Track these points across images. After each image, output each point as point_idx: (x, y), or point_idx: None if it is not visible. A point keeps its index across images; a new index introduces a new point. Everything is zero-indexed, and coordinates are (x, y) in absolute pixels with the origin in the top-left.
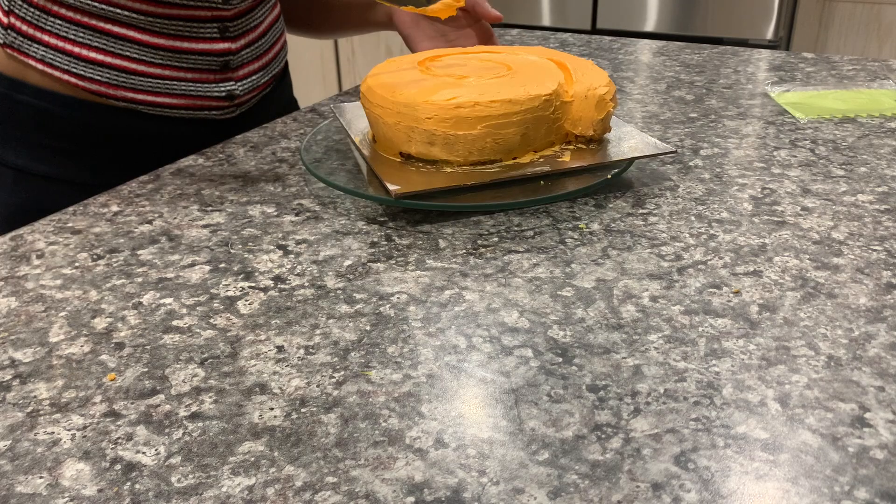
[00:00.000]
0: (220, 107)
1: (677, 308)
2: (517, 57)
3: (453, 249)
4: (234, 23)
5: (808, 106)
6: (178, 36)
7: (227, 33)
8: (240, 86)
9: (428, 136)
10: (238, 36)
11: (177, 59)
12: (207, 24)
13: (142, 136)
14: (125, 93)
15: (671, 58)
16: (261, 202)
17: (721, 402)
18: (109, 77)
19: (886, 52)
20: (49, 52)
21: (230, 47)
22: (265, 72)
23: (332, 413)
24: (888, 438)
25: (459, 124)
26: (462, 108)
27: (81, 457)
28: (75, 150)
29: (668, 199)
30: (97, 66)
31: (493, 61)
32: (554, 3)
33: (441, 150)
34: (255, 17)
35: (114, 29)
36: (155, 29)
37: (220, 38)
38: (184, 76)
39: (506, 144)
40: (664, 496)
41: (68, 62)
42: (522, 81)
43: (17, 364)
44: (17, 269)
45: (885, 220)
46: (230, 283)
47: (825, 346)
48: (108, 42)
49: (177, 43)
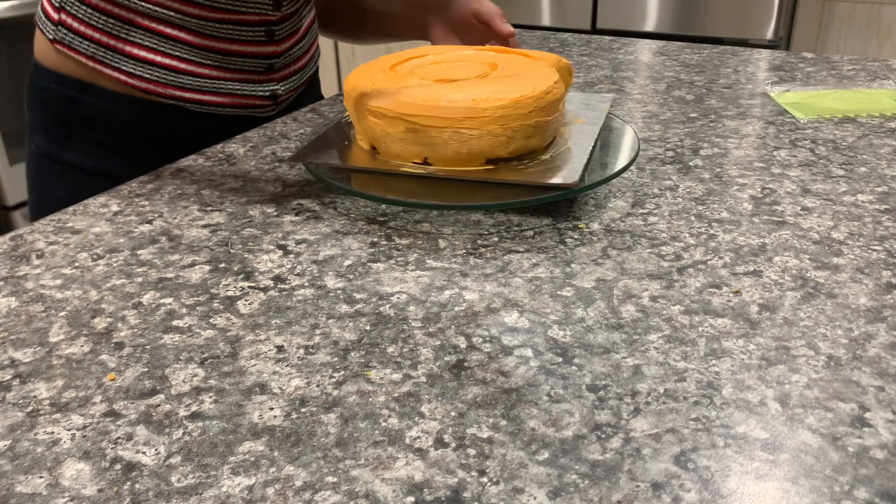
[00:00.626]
0: (263, 105)
1: (677, 308)
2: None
3: (453, 249)
4: (279, 27)
5: (808, 106)
6: (227, 39)
7: (273, 37)
8: (282, 86)
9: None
10: (283, 39)
11: (225, 61)
12: (256, 28)
13: (185, 132)
14: (173, 91)
15: (671, 58)
16: (261, 202)
17: (721, 401)
18: (159, 76)
19: (886, 52)
20: (100, 50)
21: (275, 50)
22: (304, 72)
23: (332, 413)
24: (888, 438)
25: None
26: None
27: (81, 457)
28: (120, 144)
29: (668, 199)
30: (147, 65)
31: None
32: (554, 3)
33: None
34: (297, 21)
35: (165, 30)
36: (206, 32)
37: (267, 41)
38: (230, 77)
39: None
40: (664, 496)
41: (118, 60)
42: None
43: (17, 364)
44: (17, 269)
45: (885, 220)
46: (230, 283)
47: (825, 346)
48: (158, 42)
49: (226, 45)
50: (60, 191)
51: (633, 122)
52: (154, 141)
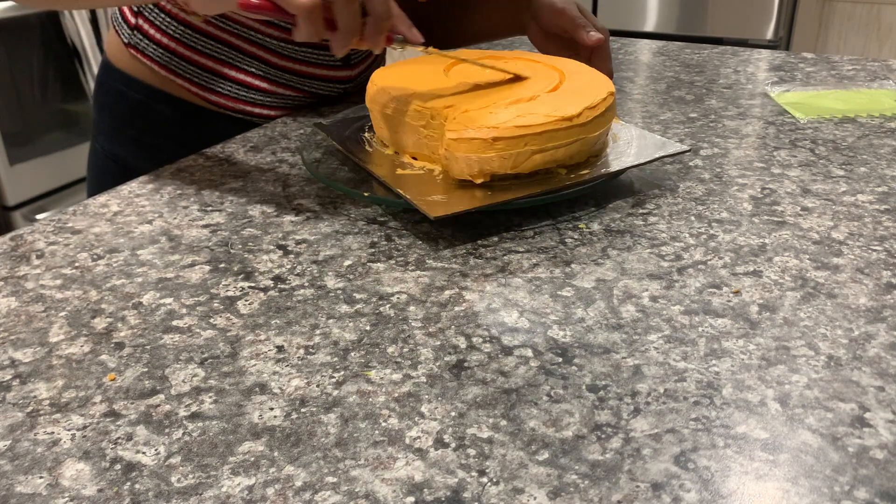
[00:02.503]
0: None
1: (677, 308)
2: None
3: (453, 249)
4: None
5: (808, 106)
6: (304, 61)
7: (349, 61)
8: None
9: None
10: (358, 63)
11: (299, 82)
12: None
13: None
14: (243, 106)
15: (671, 58)
16: (261, 202)
17: (721, 402)
18: (230, 90)
19: (886, 52)
20: (174, 59)
21: (350, 74)
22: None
23: (332, 413)
24: (888, 438)
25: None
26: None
27: (81, 457)
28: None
29: (668, 199)
30: (220, 79)
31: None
32: None
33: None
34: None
35: (243, 45)
36: (284, 53)
37: (343, 65)
38: (302, 98)
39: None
40: (664, 496)
41: (191, 70)
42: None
43: (17, 364)
44: (17, 269)
45: (885, 220)
46: (230, 283)
47: (825, 346)
48: (234, 56)
49: (302, 67)
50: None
51: (633, 121)
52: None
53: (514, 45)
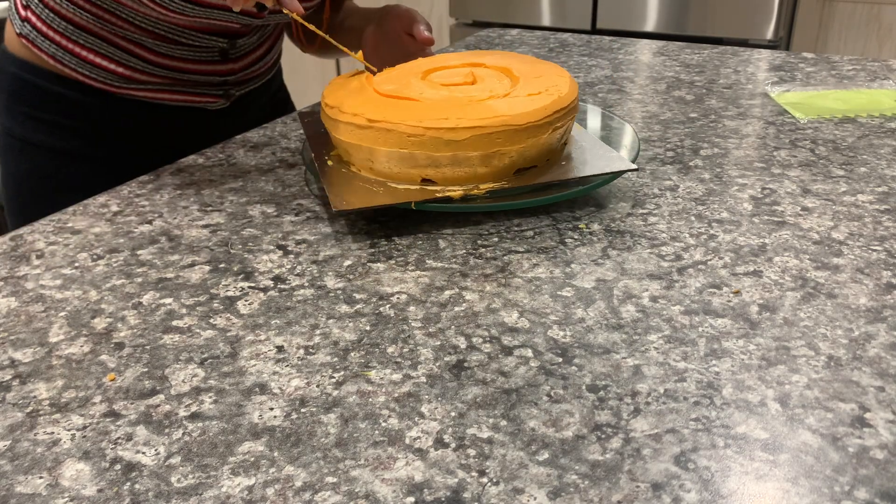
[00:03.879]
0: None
1: (677, 308)
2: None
3: (453, 249)
4: (236, 49)
5: (808, 106)
6: (181, 58)
7: (228, 56)
8: (236, 89)
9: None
10: (239, 58)
11: (179, 76)
12: (209, 51)
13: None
14: (128, 91)
15: (671, 58)
16: (261, 202)
17: (721, 402)
18: (113, 80)
19: (886, 52)
20: (59, 51)
21: (232, 68)
22: (261, 77)
23: (332, 413)
24: (888, 438)
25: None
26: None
27: (81, 457)
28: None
29: (668, 199)
30: (102, 71)
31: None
32: (554, 3)
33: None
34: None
35: (121, 43)
36: (161, 51)
37: (222, 60)
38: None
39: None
40: (664, 496)
41: (76, 63)
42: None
43: (17, 364)
44: (17, 269)
45: (885, 220)
46: (230, 283)
47: (825, 346)
48: (114, 52)
49: (180, 63)
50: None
51: (633, 122)
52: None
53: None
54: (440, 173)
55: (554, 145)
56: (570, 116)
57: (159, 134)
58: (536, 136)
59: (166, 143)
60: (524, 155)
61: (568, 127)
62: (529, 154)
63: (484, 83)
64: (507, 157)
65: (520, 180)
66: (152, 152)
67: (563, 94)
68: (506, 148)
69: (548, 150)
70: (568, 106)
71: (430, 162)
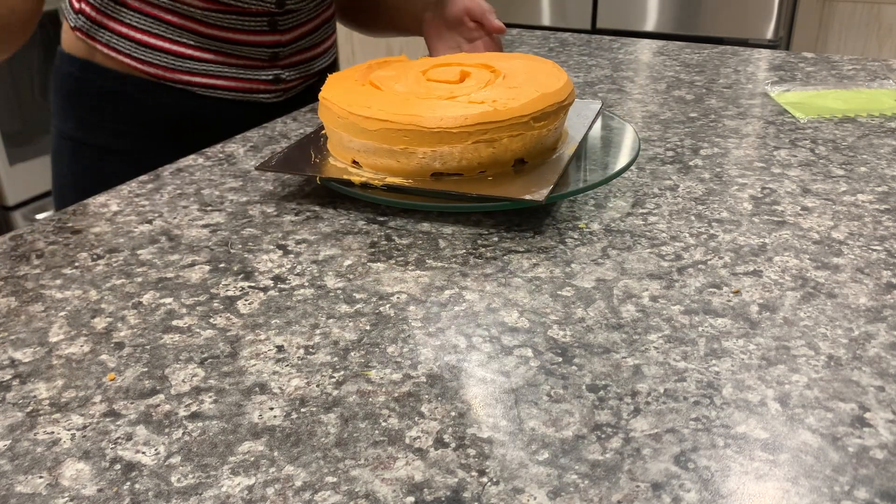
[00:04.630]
0: (268, 90)
1: (677, 308)
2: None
3: (453, 249)
4: (284, 18)
5: (808, 106)
6: (230, 28)
7: (276, 27)
8: (286, 72)
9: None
10: (287, 29)
11: (229, 48)
12: (258, 18)
13: (194, 115)
14: (180, 76)
15: (671, 58)
16: (261, 202)
17: (721, 402)
18: (167, 62)
19: (886, 52)
20: (114, 38)
21: (280, 39)
22: (311, 63)
23: (332, 413)
24: (888, 438)
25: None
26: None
27: (81, 457)
28: (131, 125)
29: (668, 199)
30: (156, 52)
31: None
32: (554, 3)
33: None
34: (306, 14)
35: (172, 19)
36: (210, 21)
37: (270, 31)
38: (235, 62)
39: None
40: (664, 496)
41: (130, 47)
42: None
43: (17, 364)
44: (17, 269)
45: (885, 220)
46: (230, 282)
47: (825, 346)
48: (166, 30)
49: (229, 34)
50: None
51: (633, 122)
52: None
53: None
54: (362, 158)
55: (482, 158)
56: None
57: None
58: (450, 143)
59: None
60: (439, 159)
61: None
62: (447, 161)
63: (464, 84)
64: (416, 157)
65: (433, 184)
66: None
67: (503, 109)
68: (413, 147)
69: (475, 161)
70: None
71: (353, 146)
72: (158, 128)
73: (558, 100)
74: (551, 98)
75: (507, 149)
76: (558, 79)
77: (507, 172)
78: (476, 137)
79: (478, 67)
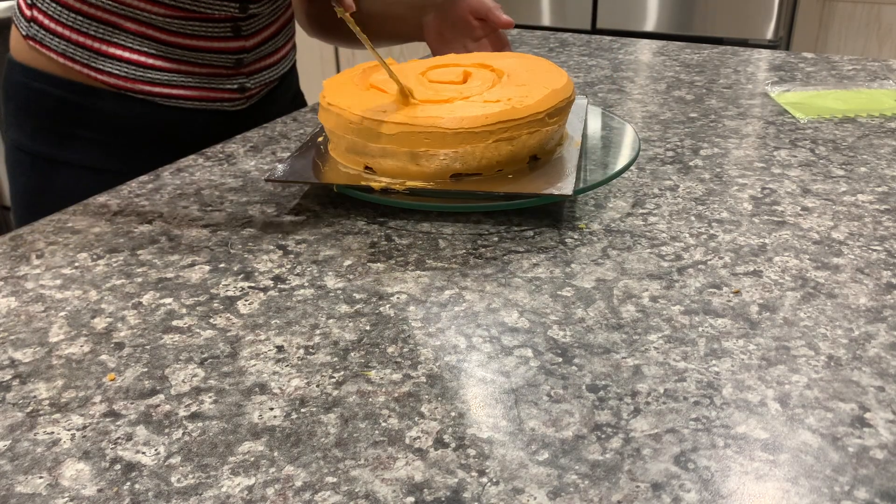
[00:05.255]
0: (232, 99)
1: (677, 308)
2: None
3: (453, 249)
4: (246, 23)
5: (808, 106)
6: (193, 35)
7: (240, 32)
8: (251, 80)
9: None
10: (251, 34)
11: (192, 57)
12: (221, 24)
13: (156, 125)
14: (142, 86)
15: (671, 58)
16: (261, 202)
17: (721, 402)
18: (127, 71)
19: (886, 52)
20: (70, 47)
21: (244, 45)
22: (276, 68)
23: (332, 413)
24: (888, 438)
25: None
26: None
27: (81, 457)
28: (91, 136)
29: (668, 199)
30: (115, 61)
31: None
32: (554, 3)
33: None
34: (267, 18)
35: (131, 26)
36: (172, 28)
37: (234, 36)
38: (198, 72)
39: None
40: (664, 496)
41: (87, 56)
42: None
43: (17, 364)
44: (17, 269)
45: (885, 220)
46: (230, 283)
47: (825, 346)
48: (125, 38)
49: (192, 41)
50: (34, 182)
51: (633, 122)
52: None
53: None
54: (377, 164)
55: (501, 156)
56: (530, 130)
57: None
58: (471, 143)
59: (186, 153)
60: (460, 160)
61: (524, 140)
62: (467, 161)
63: (469, 84)
64: (437, 159)
65: (455, 185)
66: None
67: (521, 107)
68: (434, 149)
69: (494, 160)
70: (521, 118)
71: (367, 151)
72: (119, 138)
73: (566, 95)
74: (561, 94)
75: (524, 145)
76: (560, 75)
77: (523, 170)
78: (497, 136)
79: (476, 67)
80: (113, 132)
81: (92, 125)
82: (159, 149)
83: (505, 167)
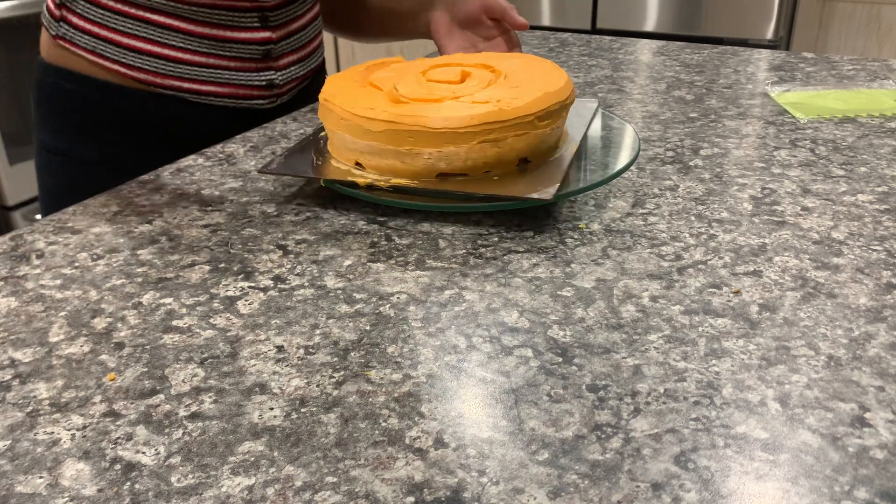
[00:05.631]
0: (262, 96)
1: (677, 308)
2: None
3: (453, 249)
4: (274, 13)
5: (808, 106)
6: (220, 25)
7: (267, 23)
8: (279, 75)
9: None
10: (278, 26)
11: (220, 48)
12: (248, 14)
13: (185, 124)
14: (172, 81)
15: (671, 58)
16: (261, 202)
17: (721, 402)
18: (156, 66)
19: (886, 52)
20: (100, 44)
21: (271, 36)
22: (303, 64)
23: (332, 413)
24: (888, 438)
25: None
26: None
27: (81, 457)
28: (119, 136)
29: (668, 199)
30: (144, 56)
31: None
32: (554, 3)
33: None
34: (295, 9)
35: (159, 19)
36: (198, 18)
37: (261, 27)
38: (227, 65)
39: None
40: (664, 496)
41: (117, 52)
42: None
43: (17, 364)
44: (17, 269)
45: (885, 220)
46: (230, 283)
47: (825, 346)
48: (154, 32)
49: (219, 32)
50: (63, 182)
51: (633, 122)
52: (153, 134)
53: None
54: (366, 160)
55: (487, 157)
56: (517, 132)
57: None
58: (455, 143)
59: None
60: (445, 160)
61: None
62: (452, 161)
63: (465, 84)
64: (422, 157)
65: (439, 184)
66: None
67: (508, 109)
68: (419, 148)
69: (480, 161)
70: (507, 121)
71: (356, 147)
72: (150, 137)
73: (561, 98)
74: (554, 97)
75: (511, 148)
76: (559, 77)
77: (511, 172)
78: (482, 137)
79: (478, 67)
80: (144, 133)
81: (122, 126)
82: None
83: (492, 169)
